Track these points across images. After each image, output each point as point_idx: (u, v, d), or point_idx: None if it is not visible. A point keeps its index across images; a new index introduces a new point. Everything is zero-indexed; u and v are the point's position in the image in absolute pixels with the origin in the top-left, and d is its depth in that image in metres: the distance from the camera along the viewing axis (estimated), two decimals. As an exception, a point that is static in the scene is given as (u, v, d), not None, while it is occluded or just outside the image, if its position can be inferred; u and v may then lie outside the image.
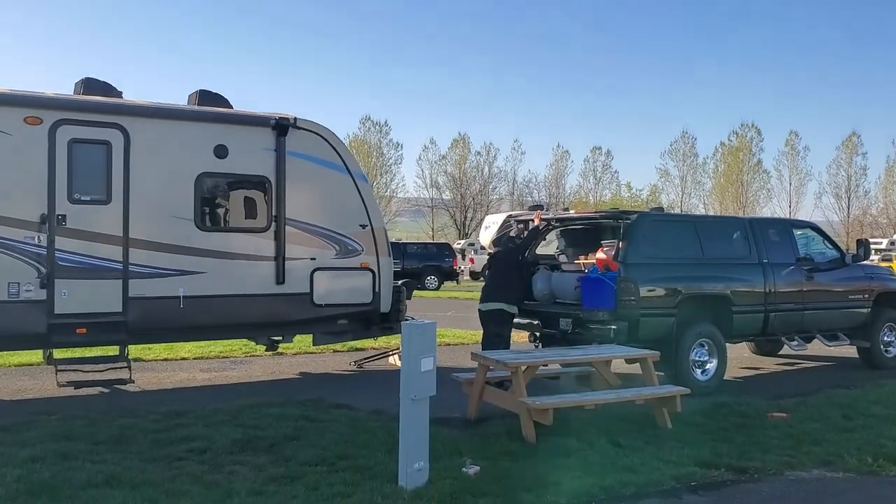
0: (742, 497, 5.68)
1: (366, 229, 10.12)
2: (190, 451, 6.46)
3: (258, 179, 9.56)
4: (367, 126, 70.38)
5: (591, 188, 75.34)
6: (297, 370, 11.01)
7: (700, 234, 10.07)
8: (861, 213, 69.68)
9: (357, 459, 6.23)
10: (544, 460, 6.36)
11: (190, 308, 9.03)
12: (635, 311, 9.11)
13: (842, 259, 11.45)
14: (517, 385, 7.21)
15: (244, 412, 7.80)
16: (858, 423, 7.76)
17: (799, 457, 6.59)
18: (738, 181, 70.73)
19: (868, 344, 11.47)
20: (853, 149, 70.12)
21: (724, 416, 7.97)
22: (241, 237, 9.50)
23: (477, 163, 72.80)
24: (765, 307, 10.25)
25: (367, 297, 10.17)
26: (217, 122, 9.44)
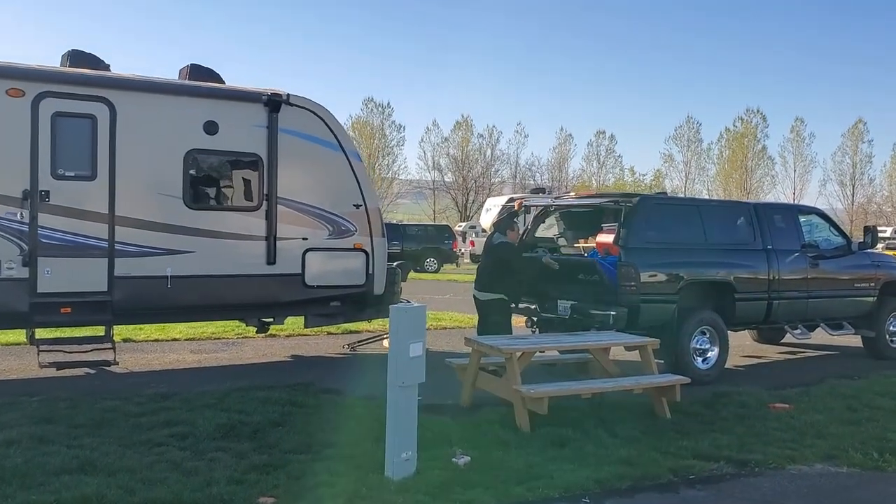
0: (742, 492, 5.48)
1: (360, 209, 9.87)
2: (171, 437, 6.27)
3: (249, 157, 9.29)
4: (369, 107, 70.00)
5: (594, 172, 75.02)
6: (290, 353, 10.81)
7: (703, 218, 9.81)
8: (866, 201, 69.31)
9: (343, 448, 6.03)
10: (538, 451, 6.16)
11: (177, 288, 8.80)
12: (635, 297, 8.87)
13: (848, 246, 11.19)
14: (511, 372, 6.98)
15: (230, 396, 7.60)
16: (863, 415, 7.54)
17: (801, 450, 6.37)
18: (742, 167, 70.35)
19: (873, 333, 11.24)
20: (859, 136, 69.66)
21: (724, 407, 7.76)
22: (232, 216, 9.25)
23: (479, 145, 72.47)
24: (768, 294, 10.01)
25: (360, 279, 9.93)
26: (207, 98, 9.15)
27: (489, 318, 9.10)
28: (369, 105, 70.11)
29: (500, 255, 9.05)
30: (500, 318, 9.09)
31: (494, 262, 9.08)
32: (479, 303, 9.25)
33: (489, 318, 9.10)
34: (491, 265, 9.12)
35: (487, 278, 9.10)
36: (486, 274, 9.14)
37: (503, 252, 9.04)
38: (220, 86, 9.52)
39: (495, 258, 9.08)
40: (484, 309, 9.17)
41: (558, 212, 10.91)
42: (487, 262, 9.22)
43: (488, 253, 9.26)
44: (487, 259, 9.27)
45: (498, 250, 9.09)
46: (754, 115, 71.79)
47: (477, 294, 9.24)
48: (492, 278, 9.05)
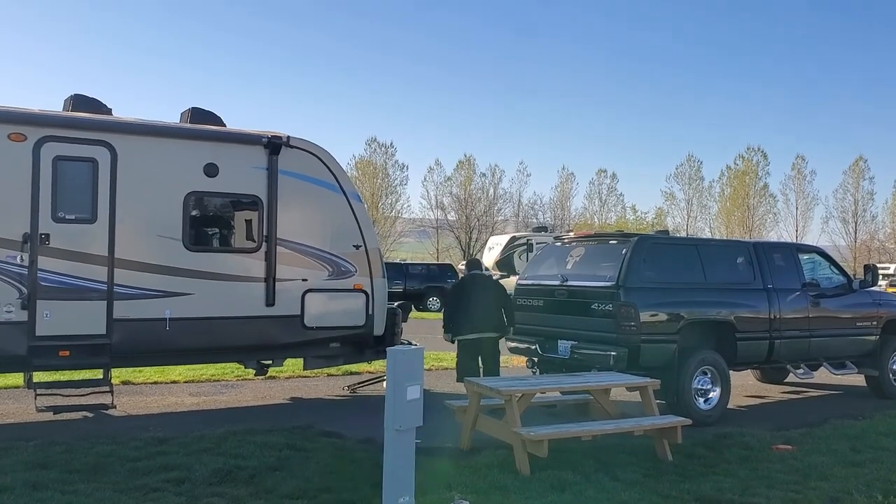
0: (745, 537, 5.38)
1: (359, 250, 9.88)
2: (167, 482, 6.19)
3: (249, 199, 9.34)
4: (372, 147, 70.37)
5: (596, 210, 75.09)
6: (289, 395, 10.73)
7: (703, 257, 9.81)
8: (868, 238, 69.19)
9: (341, 493, 5.95)
10: (538, 495, 6.07)
11: (176, 330, 8.78)
12: (635, 337, 8.83)
13: (849, 285, 11.16)
14: (511, 414, 6.92)
15: (228, 440, 7.52)
16: (868, 456, 7.44)
17: (805, 493, 6.28)
18: (744, 205, 70.38)
19: (876, 372, 11.16)
20: (860, 173, 69.75)
21: (727, 448, 7.66)
22: (231, 257, 9.27)
23: (482, 184, 72.65)
24: (769, 334, 9.95)
25: (360, 320, 9.90)
26: (208, 140, 9.23)
27: (494, 356, 9.68)
28: (372, 145, 70.56)
29: (501, 291, 9.87)
30: (496, 354, 9.73)
31: (477, 299, 9.62)
32: (469, 343, 9.65)
33: (494, 356, 9.68)
34: (475, 304, 9.61)
35: (478, 318, 9.58)
36: (477, 314, 9.58)
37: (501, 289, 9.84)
38: (221, 129, 9.61)
39: (500, 294, 9.76)
40: (474, 347, 9.66)
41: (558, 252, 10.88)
42: (472, 303, 9.61)
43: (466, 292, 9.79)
44: (489, 297, 9.67)
45: (499, 287, 9.81)
46: (755, 152, 72.05)
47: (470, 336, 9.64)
48: (482, 317, 9.60)
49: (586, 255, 9.95)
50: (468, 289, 9.89)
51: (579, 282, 9.58)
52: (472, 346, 9.67)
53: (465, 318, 9.62)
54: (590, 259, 9.84)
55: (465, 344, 9.71)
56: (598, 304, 9.16)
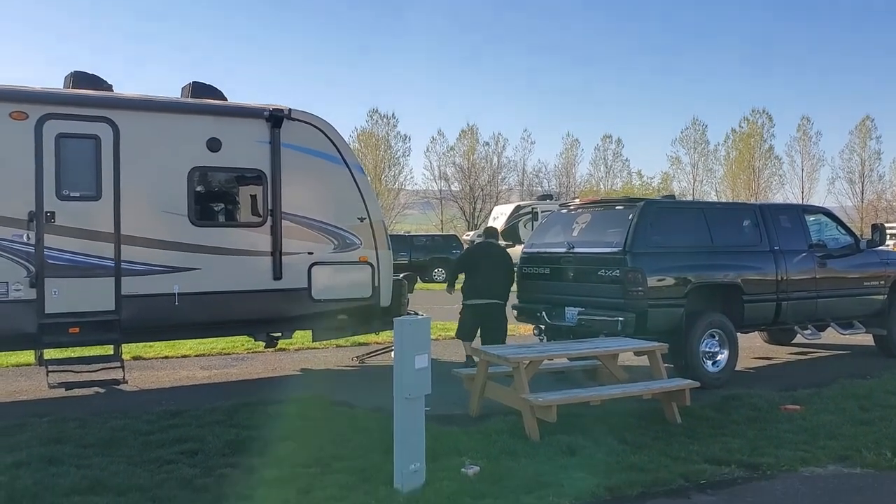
0: (754, 496, 5.43)
1: (364, 222, 9.88)
2: (181, 454, 6.27)
3: (253, 173, 9.33)
4: (374, 119, 70.05)
5: (601, 177, 74.82)
6: (299, 366, 10.82)
7: (709, 221, 9.78)
8: (875, 198, 68.84)
9: (352, 460, 6.01)
10: (547, 459, 6.12)
11: (185, 305, 8.83)
12: (642, 302, 8.84)
13: (856, 245, 11.12)
14: (519, 381, 6.96)
15: (240, 411, 7.61)
16: (876, 414, 7.47)
17: (814, 451, 6.32)
18: (749, 168, 70.04)
19: (885, 331, 11.17)
20: (867, 133, 69.22)
21: (735, 410, 7.70)
22: (237, 232, 9.28)
23: (486, 153, 72.39)
24: (776, 295, 9.96)
25: (366, 292, 9.94)
26: (209, 115, 9.21)
27: (501, 321, 10.12)
28: (374, 116, 70.25)
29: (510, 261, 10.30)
30: (505, 319, 10.20)
31: (491, 268, 10.10)
32: (481, 307, 10.10)
33: (501, 321, 10.12)
34: (490, 273, 10.05)
35: (492, 287, 10.03)
36: (490, 284, 10.04)
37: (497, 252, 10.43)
38: (222, 103, 9.58)
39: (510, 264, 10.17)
40: (485, 312, 10.10)
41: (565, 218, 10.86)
42: (484, 272, 10.06)
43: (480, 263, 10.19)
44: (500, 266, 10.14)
45: (508, 257, 10.20)
46: (760, 115, 71.54)
47: (483, 301, 10.04)
48: (495, 286, 10.04)
49: (592, 221, 9.93)
50: (482, 256, 10.37)
51: (585, 248, 9.57)
52: (479, 311, 10.09)
53: (476, 284, 10.12)
54: (596, 225, 9.82)
55: (472, 308, 10.18)
56: (605, 270, 9.16)
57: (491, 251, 10.49)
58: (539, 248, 10.48)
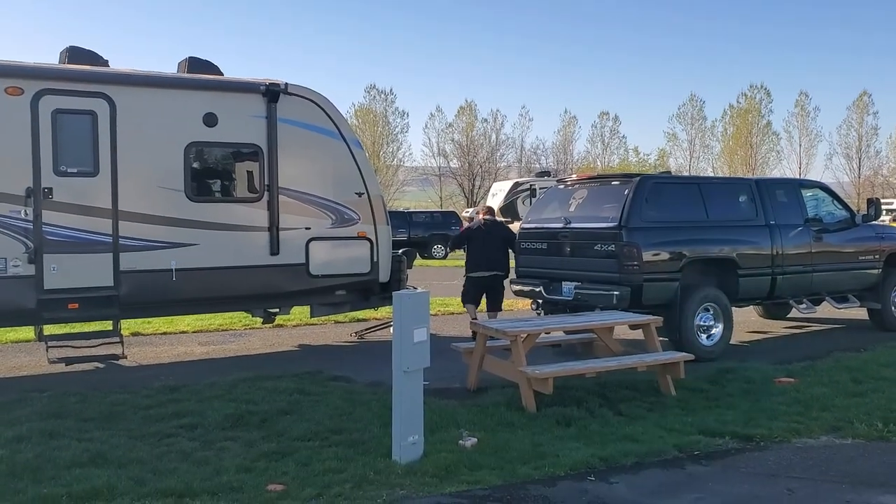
0: (748, 466, 5.50)
1: (362, 197, 9.89)
2: (181, 428, 6.33)
3: (249, 148, 9.32)
4: (372, 95, 69.80)
5: (599, 154, 74.81)
6: (297, 342, 10.87)
7: (704, 195, 9.81)
8: (872, 174, 68.86)
9: (351, 434, 6.08)
10: (544, 430, 6.21)
11: (183, 281, 8.86)
12: (638, 277, 8.89)
13: (852, 219, 11.15)
14: (517, 354, 7.02)
15: (238, 386, 7.66)
16: (869, 387, 7.55)
17: (807, 423, 6.40)
18: (747, 143, 69.94)
19: (879, 305, 11.23)
20: (864, 108, 69.08)
21: (729, 382, 7.78)
22: (234, 207, 9.30)
23: (484, 130, 72.24)
24: (772, 270, 10.01)
25: (365, 267, 9.97)
26: (206, 90, 9.18)
27: (500, 290, 10.58)
28: (371, 92, 69.97)
29: (512, 237, 10.76)
30: (503, 289, 10.64)
31: (490, 243, 10.55)
32: (479, 280, 10.54)
33: (500, 290, 10.58)
34: (489, 247, 10.54)
35: (490, 259, 10.51)
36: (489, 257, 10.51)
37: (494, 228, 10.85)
38: (219, 78, 9.54)
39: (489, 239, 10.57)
40: (483, 283, 10.54)
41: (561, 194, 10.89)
42: (484, 245, 10.51)
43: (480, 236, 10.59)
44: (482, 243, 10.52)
45: (488, 229, 10.70)
46: (758, 90, 71.33)
47: (481, 273, 10.50)
48: (494, 259, 10.53)
49: (589, 196, 9.95)
50: (483, 233, 10.72)
51: (582, 224, 9.61)
52: (481, 282, 10.55)
53: (476, 258, 10.60)
54: (592, 201, 9.85)
55: (474, 280, 10.59)
56: (602, 244, 9.20)
57: (491, 228, 10.81)
58: (537, 224, 10.52)
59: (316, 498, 4.84)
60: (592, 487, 5.04)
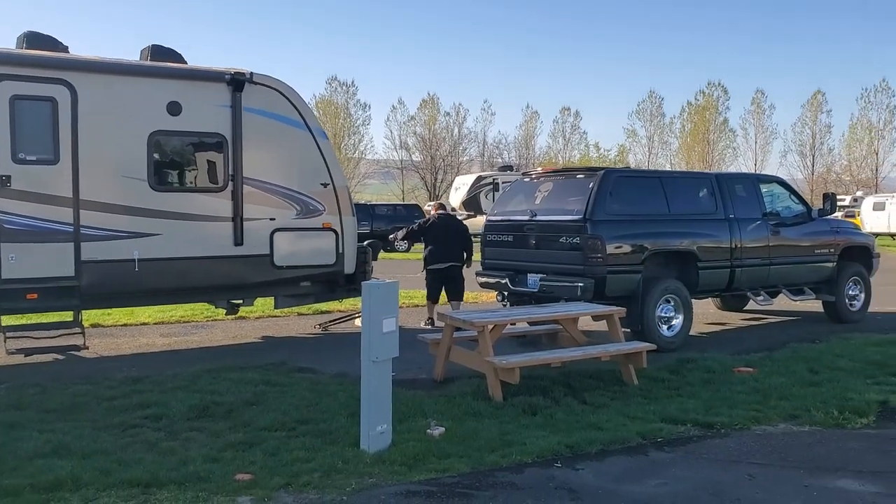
0: (709, 452, 5.63)
1: (327, 188, 9.85)
2: (145, 418, 6.28)
3: (214, 137, 9.23)
4: (333, 86, 69.32)
5: (560, 149, 75.32)
6: (260, 334, 10.80)
7: (666, 189, 9.97)
8: (825, 171, 70.44)
9: (318, 424, 6.08)
10: (510, 419, 6.28)
11: (145, 271, 8.75)
12: (602, 269, 9.01)
13: (808, 214, 11.42)
14: (484, 344, 7.08)
15: (203, 377, 7.61)
16: (824, 376, 7.75)
17: (765, 411, 6.55)
18: (704, 140, 71.06)
19: (833, 298, 11.51)
20: (818, 107, 70.61)
21: (689, 372, 7.94)
22: (197, 197, 9.20)
23: (446, 123, 72.25)
24: (731, 262, 10.22)
25: (330, 259, 9.94)
26: (170, 78, 9.06)
27: (460, 279, 11.05)
28: (333, 84, 69.50)
29: (465, 230, 11.23)
30: (461, 277, 11.12)
31: (447, 235, 11.02)
32: (437, 272, 10.93)
33: (460, 279, 11.05)
34: (445, 239, 11.00)
35: (446, 251, 10.96)
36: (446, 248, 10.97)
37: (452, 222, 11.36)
38: (183, 66, 9.42)
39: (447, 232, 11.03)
40: (441, 274, 10.94)
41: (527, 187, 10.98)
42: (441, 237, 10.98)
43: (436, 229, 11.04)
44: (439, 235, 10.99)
45: (445, 223, 11.19)
46: (715, 88, 72.47)
47: (439, 265, 10.90)
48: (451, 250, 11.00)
49: (554, 189, 10.05)
50: (440, 226, 11.12)
51: (548, 216, 9.70)
52: (440, 273, 10.96)
53: (435, 250, 10.97)
54: (558, 194, 9.95)
55: (434, 272, 10.97)
56: (566, 237, 9.31)
57: (448, 222, 11.28)
58: (502, 216, 10.59)
59: (284, 487, 4.84)
60: (559, 474, 5.12)
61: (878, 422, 6.38)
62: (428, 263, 11.06)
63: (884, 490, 4.88)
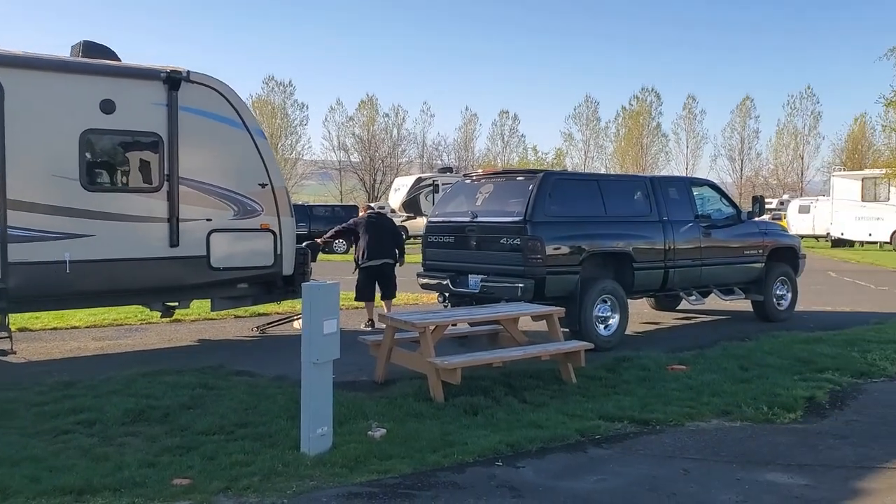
0: (645, 448, 5.77)
1: (265, 188, 9.73)
2: (78, 424, 6.11)
3: (149, 136, 9.03)
4: (270, 86, 68.50)
5: (499, 151, 75.95)
6: (196, 337, 10.60)
7: (603, 192, 10.17)
8: (753, 175, 72.79)
9: (257, 427, 6.01)
10: (452, 419, 6.31)
11: (77, 273, 8.50)
12: (542, 269, 9.14)
13: (738, 216, 11.78)
14: (425, 345, 7.10)
15: (138, 381, 7.43)
16: (754, 373, 8.00)
17: (698, 408, 6.74)
18: (638, 144, 72.69)
19: (762, 297, 11.88)
20: (746, 112, 72.98)
21: (625, 370, 8.10)
22: (132, 197, 8.98)
23: (385, 125, 72.07)
24: (664, 263, 10.47)
25: (268, 260, 9.82)
26: (103, 76, 8.82)
27: (392, 277, 11.27)
28: (270, 83, 68.68)
29: (381, 223, 11.48)
30: (392, 274, 11.33)
31: (380, 234, 11.25)
32: (372, 269, 11.09)
33: (392, 277, 11.27)
34: (380, 237, 11.21)
35: (380, 248, 11.16)
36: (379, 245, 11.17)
37: (383, 221, 11.61)
38: (117, 63, 9.20)
39: (380, 230, 11.29)
40: (376, 271, 11.11)
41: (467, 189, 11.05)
42: (377, 236, 11.16)
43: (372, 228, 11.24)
44: (375, 234, 11.17)
45: (378, 221, 11.46)
46: (649, 93, 74.23)
47: (373, 262, 11.06)
48: (385, 248, 11.22)
49: (495, 191, 10.15)
50: (372, 224, 11.29)
51: (488, 218, 9.78)
52: (373, 271, 11.12)
53: (369, 247, 11.11)
54: (498, 195, 10.05)
55: (367, 269, 11.12)
56: (507, 238, 9.41)
57: (379, 220, 11.50)
58: (443, 218, 10.64)
59: (224, 491, 4.77)
60: (500, 472, 5.18)
61: (806, 417, 6.64)
62: (360, 261, 11.17)
63: (811, 482, 5.08)
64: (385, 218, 12.00)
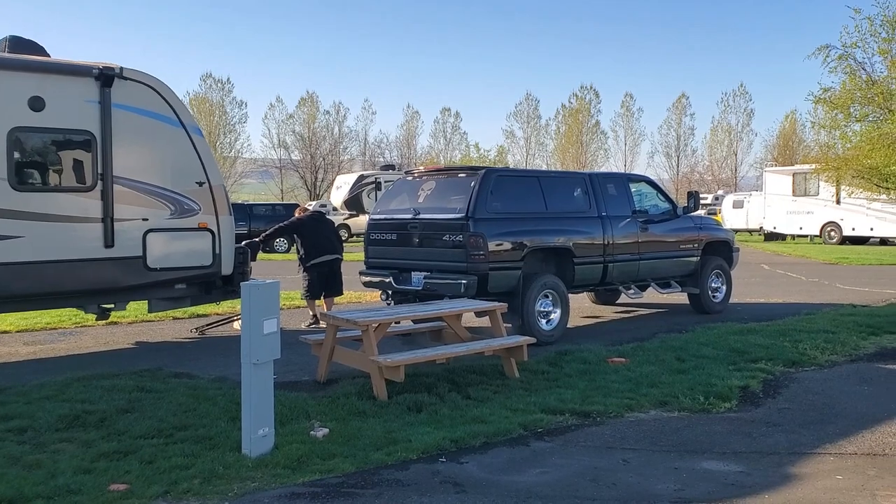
0: (586, 440, 5.86)
1: (203, 187, 9.55)
2: (8, 431, 5.91)
3: (81, 134, 8.77)
4: (208, 83, 67.31)
5: (441, 149, 76.10)
6: (133, 340, 10.36)
7: (544, 188, 10.28)
8: (689, 171, 74.49)
9: (197, 429, 5.91)
10: (395, 417, 6.31)
11: (7, 276, 8.21)
12: (484, 266, 9.20)
13: (674, 211, 12.04)
14: (368, 343, 7.07)
15: (72, 386, 7.22)
16: (691, 364, 8.19)
17: (638, 399, 6.88)
18: (578, 142, 73.63)
19: (697, 290, 12.17)
20: (682, 110, 74.61)
21: (567, 364, 8.21)
22: (64, 197, 8.71)
23: (326, 122, 71.52)
24: (604, 258, 10.65)
25: (206, 260, 9.64)
26: (31, 72, 8.52)
27: (339, 274, 11.47)
28: (208, 81, 67.49)
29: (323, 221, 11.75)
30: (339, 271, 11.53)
31: (327, 231, 11.49)
32: (323, 264, 11.17)
33: (339, 274, 11.47)
34: (327, 235, 11.43)
35: (329, 245, 11.34)
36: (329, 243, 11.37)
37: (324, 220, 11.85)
38: (46, 59, 8.90)
39: (325, 228, 11.54)
40: (327, 267, 11.21)
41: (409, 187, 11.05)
42: (323, 234, 11.38)
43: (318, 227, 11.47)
44: (321, 232, 11.39)
45: (322, 219, 11.81)
46: (588, 91, 75.23)
47: (325, 258, 11.18)
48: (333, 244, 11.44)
49: (437, 188, 10.17)
50: (315, 222, 11.55)
51: (431, 215, 9.80)
52: (324, 267, 11.21)
53: (317, 245, 11.22)
54: (440, 192, 10.07)
55: (317, 266, 11.19)
56: (449, 235, 9.44)
57: (321, 218, 11.83)
58: (385, 215, 10.61)
59: (163, 496, 4.69)
60: (444, 468, 5.20)
61: (740, 406, 6.83)
62: (311, 259, 11.15)
63: (745, 469, 5.23)
64: (323, 216, 12.26)
